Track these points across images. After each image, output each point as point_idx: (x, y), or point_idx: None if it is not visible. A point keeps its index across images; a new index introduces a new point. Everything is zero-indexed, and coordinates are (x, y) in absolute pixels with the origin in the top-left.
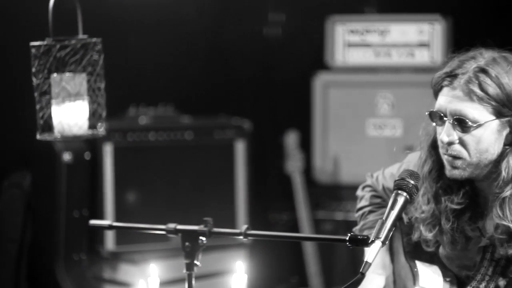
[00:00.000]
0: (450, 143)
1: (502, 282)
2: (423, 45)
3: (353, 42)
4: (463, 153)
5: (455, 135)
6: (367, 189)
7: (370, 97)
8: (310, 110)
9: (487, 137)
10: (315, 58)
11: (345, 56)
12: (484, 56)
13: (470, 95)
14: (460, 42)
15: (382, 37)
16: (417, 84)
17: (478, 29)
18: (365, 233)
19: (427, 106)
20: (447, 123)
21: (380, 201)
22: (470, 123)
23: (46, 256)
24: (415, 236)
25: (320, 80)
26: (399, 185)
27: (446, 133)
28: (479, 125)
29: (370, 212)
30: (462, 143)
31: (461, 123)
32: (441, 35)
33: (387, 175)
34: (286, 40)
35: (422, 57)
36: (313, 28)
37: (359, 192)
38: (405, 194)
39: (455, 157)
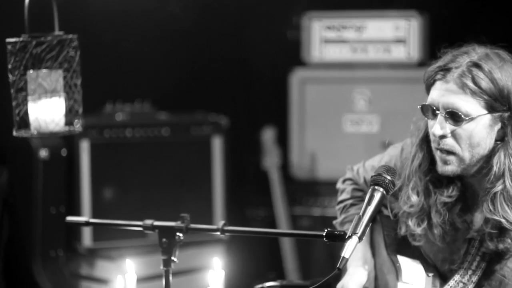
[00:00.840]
0: (442, 137)
1: (484, 278)
2: (399, 41)
3: (329, 38)
4: (456, 147)
5: (447, 128)
6: (348, 182)
7: (346, 93)
8: (287, 106)
9: (479, 132)
10: (292, 54)
11: (322, 52)
12: (477, 52)
13: (463, 88)
14: (436, 38)
15: (359, 33)
16: (394, 80)
17: (455, 25)
18: (347, 226)
19: (403, 102)
20: (439, 116)
21: (361, 194)
22: (462, 116)
23: (22, 253)
24: (402, 231)
25: (297, 76)
26: (376, 181)
27: (438, 126)
28: (472, 119)
29: (352, 205)
30: (454, 136)
31: (454, 116)
32: (418, 31)
33: (368, 168)
34: (263, 36)
35: (398, 53)
36: (290, 24)
37: (339, 185)
38: (381, 189)
39: (448, 152)
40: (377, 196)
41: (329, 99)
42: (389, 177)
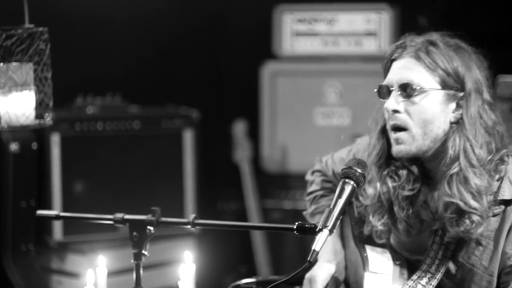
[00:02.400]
0: (395, 111)
1: (452, 266)
2: (370, 34)
3: (300, 31)
4: (408, 122)
5: (400, 100)
6: (317, 174)
7: (318, 86)
8: (258, 99)
9: (431, 107)
10: (263, 47)
11: (293, 45)
12: (433, 36)
13: (418, 60)
14: (407, 31)
15: (330, 26)
16: (365, 73)
17: (425, 18)
18: (317, 217)
19: (374, 95)
20: (393, 92)
21: (331, 185)
22: (414, 87)
23: None
24: (366, 230)
25: (268, 69)
26: (346, 174)
27: (391, 101)
28: (424, 91)
29: (322, 196)
30: (407, 111)
31: (406, 88)
32: (389, 24)
33: (336, 160)
34: (234, 29)
35: (369, 46)
36: (261, 17)
37: (308, 177)
38: (352, 182)
39: (400, 129)
40: (348, 189)
41: (300, 92)
42: (359, 170)
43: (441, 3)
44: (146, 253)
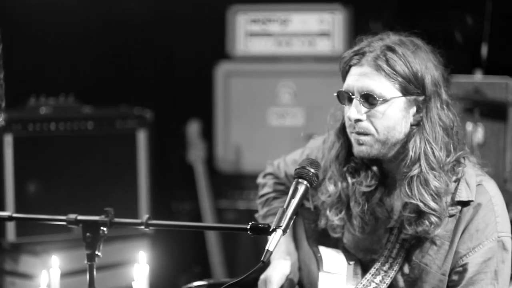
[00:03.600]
0: (357, 120)
1: (406, 265)
2: (324, 34)
3: (254, 31)
4: (371, 129)
5: (362, 111)
6: (269, 176)
7: (271, 86)
8: (212, 99)
9: (394, 114)
10: (217, 47)
11: (247, 46)
12: (391, 38)
13: (378, 70)
14: (360, 32)
15: (284, 27)
16: (318, 73)
17: (379, 19)
18: (270, 219)
19: (328, 95)
20: (354, 101)
21: (283, 188)
22: (377, 98)
23: None
24: (321, 223)
25: (221, 70)
26: (300, 174)
27: (353, 110)
28: (386, 101)
29: (275, 198)
30: (369, 119)
31: (368, 98)
32: (342, 24)
33: (289, 162)
34: (188, 30)
35: (323, 46)
36: (215, 17)
37: (260, 180)
38: (305, 182)
39: (363, 134)
40: (301, 189)
41: (254, 92)
42: (312, 170)
43: (394, 3)
44: (99, 254)
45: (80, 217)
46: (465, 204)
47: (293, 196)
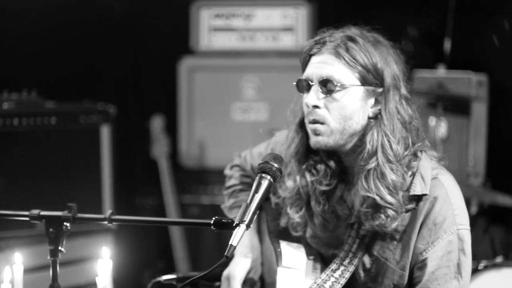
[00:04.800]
0: (315, 107)
1: (367, 260)
2: (287, 29)
3: (218, 26)
4: (327, 117)
5: (320, 97)
6: (236, 168)
7: (235, 81)
8: (176, 94)
9: (351, 103)
10: (181, 42)
11: (210, 41)
12: (352, 30)
13: (338, 57)
14: (324, 26)
15: (247, 22)
16: (282, 68)
17: (342, 14)
18: (235, 211)
19: (291, 90)
20: (313, 87)
21: (249, 180)
22: (335, 83)
23: None
24: (283, 222)
25: (185, 65)
26: (263, 169)
27: (311, 96)
28: (344, 87)
29: (241, 190)
30: (326, 107)
31: (327, 84)
32: (306, 19)
33: (255, 155)
34: (151, 25)
35: (286, 41)
36: (179, 12)
37: (227, 172)
38: (269, 177)
39: (319, 123)
40: (265, 184)
41: (217, 87)
42: (276, 165)
43: None
44: (62, 249)
45: (43, 213)
46: (420, 198)
47: (256, 191)
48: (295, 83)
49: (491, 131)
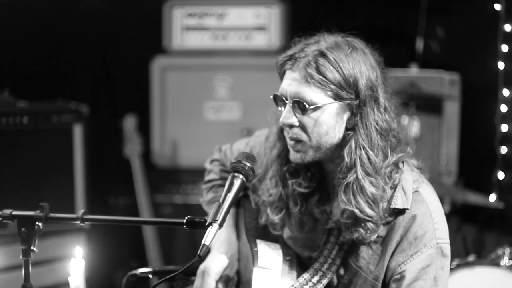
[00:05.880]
0: (290, 126)
1: (342, 267)
2: (260, 28)
3: (190, 25)
4: (303, 136)
5: (294, 117)
6: (216, 163)
7: (208, 81)
8: (149, 94)
9: (326, 120)
10: (153, 42)
11: (183, 40)
12: (326, 40)
13: (307, 78)
14: (296, 26)
15: (220, 21)
16: (255, 67)
17: (315, 14)
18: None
19: (264, 89)
20: (287, 106)
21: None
22: (307, 105)
23: None
24: (262, 220)
25: (158, 64)
26: (236, 168)
27: (285, 116)
28: (317, 108)
29: (220, 186)
30: (301, 126)
31: (300, 105)
32: (278, 18)
33: (234, 151)
34: (124, 24)
35: (259, 40)
36: (151, 11)
37: (207, 165)
38: (241, 176)
39: (296, 140)
40: (237, 183)
41: (190, 87)
42: (248, 164)
43: None
44: (35, 249)
45: (15, 212)
46: (400, 211)
47: (229, 190)
48: (272, 97)
49: (464, 130)
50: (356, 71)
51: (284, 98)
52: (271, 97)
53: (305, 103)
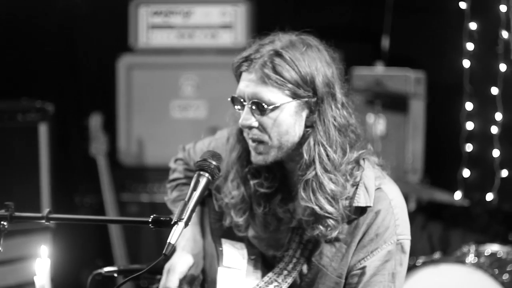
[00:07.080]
0: (250, 127)
1: (305, 266)
2: (226, 26)
3: (156, 23)
4: (264, 136)
5: (253, 118)
6: (180, 162)
7: (174, 79)
8: (115, 92)
9: (285, 119)
10: (119, 40)
11: (149, 38)
12: (281, 40)
13: (264, 78)
14: (263, 24)
15: (186, 19)
16: (221, 65)
17: (281, 12)
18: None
19: (231, 88)
20: (246, 107)
21: (193, 174)
22: (265, 105)
23: None
24: (226, 222)
25: (124, 62)
26: (201, 166)
27: (244, 117)
28: (276, 107)
29: (185, 184)
30: (261, 126)
31: (258, 106)
32: (244, 17)
33: (197, 150)
34: (89, 22)
35: (225, 38)
36: (118, 10)
37: (171, 165)
38: (207, 175)
39: (258, 142)
40: (203, 182)
41: (156, 85)
42: (214, 163)
43: None
44: (0, 248)
45: None
46: (363, 209)
47: (194, 189)
48: (229, 99)
49: (429, 128)
50: (313, 69)
51: (242, 100)
52: (229, 99)
53: (263, 104)
